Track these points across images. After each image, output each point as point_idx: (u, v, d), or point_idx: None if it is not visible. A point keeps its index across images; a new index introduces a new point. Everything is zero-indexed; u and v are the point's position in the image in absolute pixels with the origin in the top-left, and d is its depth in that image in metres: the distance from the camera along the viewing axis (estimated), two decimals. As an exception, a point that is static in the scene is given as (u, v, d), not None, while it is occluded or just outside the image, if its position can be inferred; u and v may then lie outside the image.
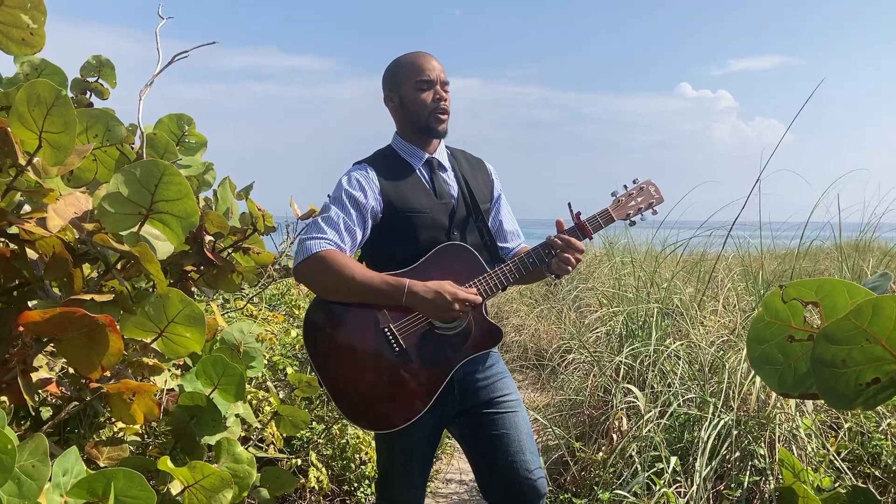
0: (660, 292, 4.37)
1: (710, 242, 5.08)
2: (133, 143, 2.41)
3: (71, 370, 1.89)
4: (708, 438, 2.73)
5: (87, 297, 1.56)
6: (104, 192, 1.60)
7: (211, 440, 2.29)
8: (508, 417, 2.12)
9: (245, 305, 3.98)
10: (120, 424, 2.24)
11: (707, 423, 2.81)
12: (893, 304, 0.87)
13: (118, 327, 1.76)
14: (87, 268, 1.90)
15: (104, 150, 2.18)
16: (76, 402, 1.76)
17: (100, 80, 3.12)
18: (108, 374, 1.69)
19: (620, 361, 3.61)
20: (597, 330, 4.69)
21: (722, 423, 2.81)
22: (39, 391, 1.87)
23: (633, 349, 3.71)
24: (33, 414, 2.04)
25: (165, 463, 1.65)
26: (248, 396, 3.02)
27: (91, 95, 3.20)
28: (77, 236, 1.69)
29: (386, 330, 2.02)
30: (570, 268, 2.10)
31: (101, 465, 2.01)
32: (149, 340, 1.74)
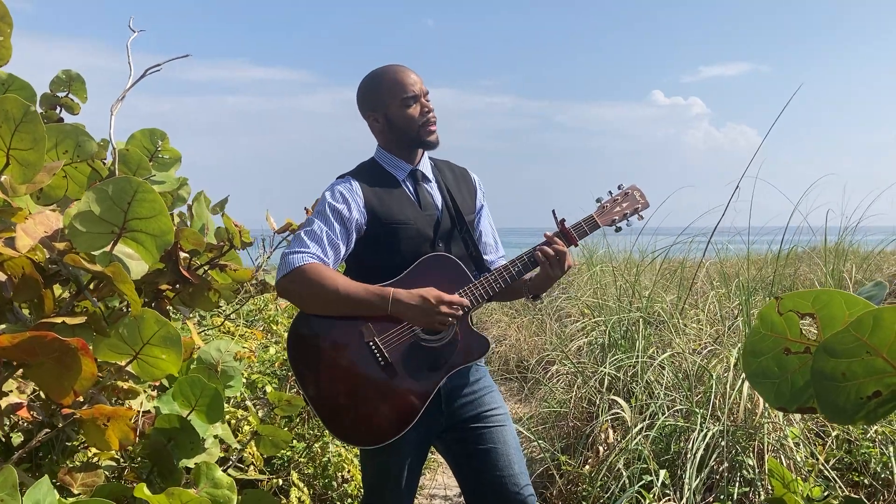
0: (641, 301, 4.36)
1: (689, 249, 5.09)
2: (105, 159, 2.35)
3: (43, 394, 1.83)
4: (696, 450, 2.70)
5: (58, 319, 1.51)
6: (76, 210, 1.55)
7: (189, 463, 2.23)
8: (496, 432, 2.09)
9: (223, 323, 3.91)
10: (94, 449, 2.17)
11: (695, 434, 2.78)
12: (894, 316, 0.85)
13: (92, 350, 1.71)
14: (57, 289, 1.84)
15: (75, 166, 2.12)
16: (48, 430, 1.70)
17: (70, 95, 3.05)
18: (81, 399, 1.64)
19: (605, 372, 3.58)
20: (579, 340, 4.67)
21: (710, 433, 2.79)
22: (10, 416, 1.81)
23: (616, 360, 3.69)
24: (3, 440, 1.97)
25: (142, 490, 1.59)
26: (227, 416, 2.96)
27: (61, 111, 3.13)
28: (48, 256, 1.64)
29: (371, 343, 1.97)
30: (558, 272, 2.08)
31: (75, 492, 1.94)
32: (123, 363, 1.69)
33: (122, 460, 2.14)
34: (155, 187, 2.27)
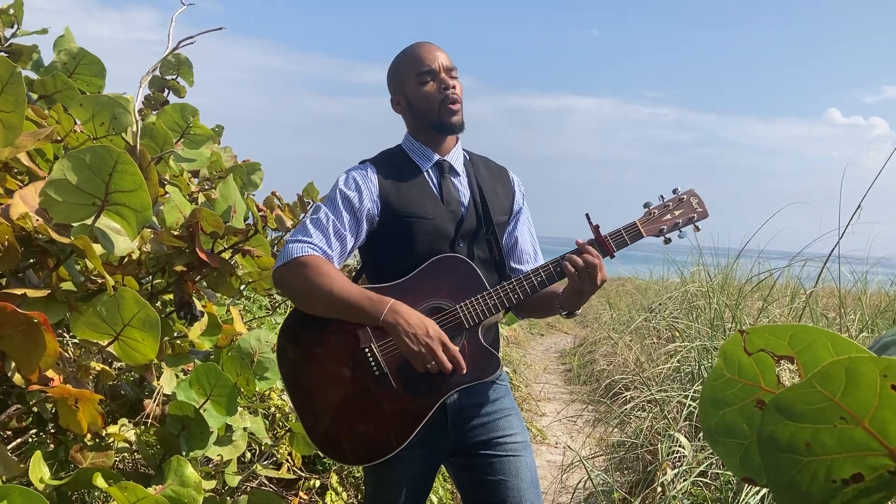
0: (742, 327, 3.88)
1: (801, 274, 4.51)
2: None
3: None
4: (749, 505, 2.31)
5: (19, 291, 1.43)
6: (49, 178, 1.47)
7: (200, 454, 2.15)
8: (509, 462, 1.83)
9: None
10: (112, 429, 2.13)
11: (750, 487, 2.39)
12: (874, 368, 0.59)
13: (70, 325, 1.64)
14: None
15: (110, 138, 2.08)
16: (19, 405, 1.64)
17: (178, 79, 3.08)
18: (54, 376, 1.56)
19: (683, 403, 3.21)
20: (666, 365, 4.27)
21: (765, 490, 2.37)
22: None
23: (698, 390, 3.31)
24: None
25: (99, 479, 1.49)
26: (272, 410, 2.87)
27: (168, 93, 3.17)
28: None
29: (366, 349, 1.77)
30: (589, 287, 1.79)
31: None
32: (104, 343, 1.60)
33: (133, 445, 2.08)
34: (184, 165, 2.21)
